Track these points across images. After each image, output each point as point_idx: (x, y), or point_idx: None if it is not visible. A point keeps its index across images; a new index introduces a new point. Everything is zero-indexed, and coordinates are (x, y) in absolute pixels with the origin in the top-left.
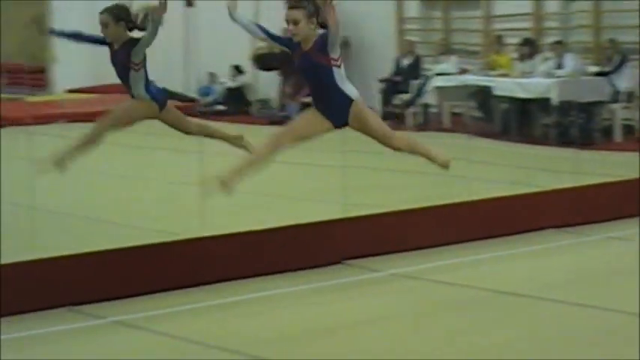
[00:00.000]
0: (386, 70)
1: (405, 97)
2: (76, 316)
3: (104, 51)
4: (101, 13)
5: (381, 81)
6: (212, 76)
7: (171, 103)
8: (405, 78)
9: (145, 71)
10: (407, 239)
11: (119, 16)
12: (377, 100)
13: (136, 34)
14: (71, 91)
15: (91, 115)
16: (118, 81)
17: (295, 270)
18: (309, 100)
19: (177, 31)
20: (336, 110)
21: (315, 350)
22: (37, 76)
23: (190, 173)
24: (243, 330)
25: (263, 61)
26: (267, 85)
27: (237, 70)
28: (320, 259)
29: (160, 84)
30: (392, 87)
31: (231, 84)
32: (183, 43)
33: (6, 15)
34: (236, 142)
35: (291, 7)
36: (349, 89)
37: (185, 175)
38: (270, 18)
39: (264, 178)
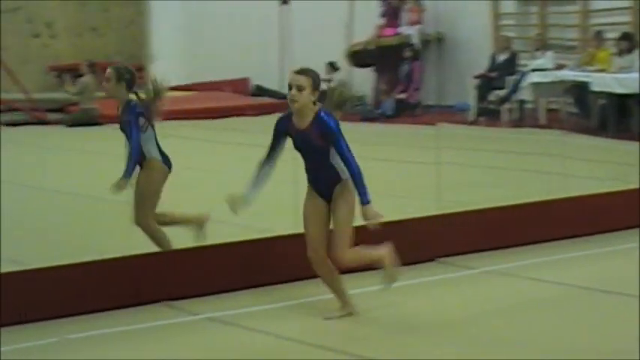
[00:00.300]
0: (481, 66)
1: (501, 93)
2: (172, 312)
3: (200, 49)
4: (109, 68)
5: (477, 77)
6: None
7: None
8: (500, 74)
9: (154, 131)
10: (502, 236)
11: (122, 75)
12: (472, 97)
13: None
14: (168, 89)
15: (186, 112)
16: (213, 78)
17: None
18: (403, 96)
19: (273, 28)
20: (327, 185)
21: (410, 348)
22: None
23: (285, 170)
24: (338, 327)
25: (358, 58)
26: (362, 81)
27: (333, 66)
28: (414, 256)
29: (256, 81)
30: (487, 83)
31: (323, 86)
32: (278, 40)
33: (106, 15)
34: (198, 222)
35: (298, 72)
36: (342, 168)
37: (280, 172)
38: (364, 18)
39: None
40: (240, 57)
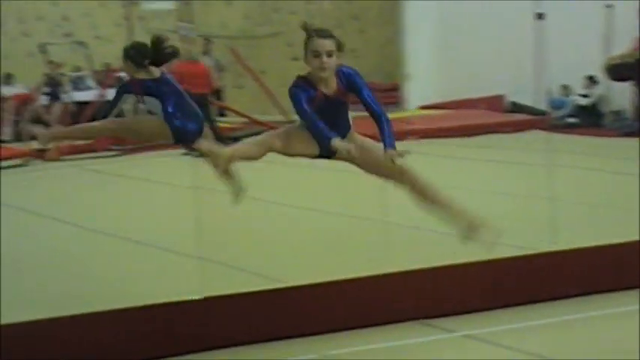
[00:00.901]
0: None
1: None
2: (427, 330)
3: (455, 67)
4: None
5: None
6: (565, 89)
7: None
8: None
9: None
10: None
11: (128, 54)
12: None
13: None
14: (423, 107)
15: (441, 130)
16: (468, 96)
17: None
18: None
19: (528, 44)
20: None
21: None
22: (390, 94)
23: (539, 186)
24: (582, 348)
25: (616, 72)
26: (621, 95)
27: (591, 80)
28: None
29: (511, 98)
30: None
31: (582, 101)
32: (533, 55)
33: (363, 36)
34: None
35: (322, 37)
36: (349, 118)
37: (534, 187)
38: (623, 30)
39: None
40: (495, 74)
